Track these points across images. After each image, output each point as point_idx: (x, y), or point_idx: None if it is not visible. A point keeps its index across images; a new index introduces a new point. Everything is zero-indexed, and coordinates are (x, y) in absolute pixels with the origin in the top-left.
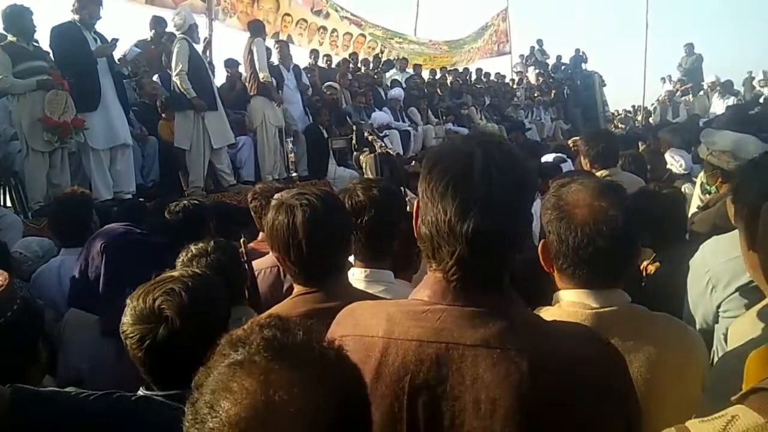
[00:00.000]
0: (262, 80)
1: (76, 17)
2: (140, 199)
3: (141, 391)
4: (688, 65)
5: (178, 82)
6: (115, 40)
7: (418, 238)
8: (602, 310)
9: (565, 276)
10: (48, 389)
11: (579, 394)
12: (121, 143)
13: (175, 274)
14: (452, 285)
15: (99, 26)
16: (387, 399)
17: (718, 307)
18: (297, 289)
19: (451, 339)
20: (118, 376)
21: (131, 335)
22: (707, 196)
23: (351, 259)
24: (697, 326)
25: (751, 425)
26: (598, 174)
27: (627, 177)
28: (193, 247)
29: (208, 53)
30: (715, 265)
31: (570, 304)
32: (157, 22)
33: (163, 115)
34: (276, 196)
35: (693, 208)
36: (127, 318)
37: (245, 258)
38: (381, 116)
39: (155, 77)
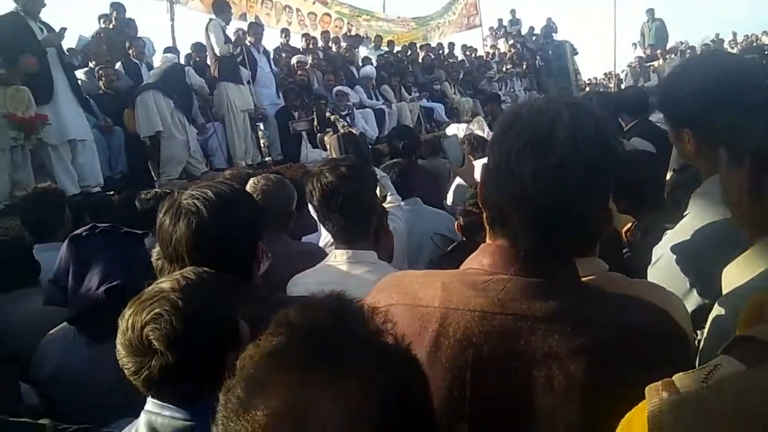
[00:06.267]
0: (220, 54)
1: (18, 6)
2: (108, 192)
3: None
4: (653, 31)
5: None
6: (63, 30)
7: (482, 204)
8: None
9: None
10: (23, 421)
11: (646, 368)
12: (76, 137)
13: (166, 286)
14: (519, 253)
15: (44, 16)
16: (448, 373)
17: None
18: None
19: (519, 310)
20: (88, 377)
21: (126, 366)
22: None
23: (325, 240)
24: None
25: (732, 372)
26: None
27: None
28: None
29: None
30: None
31: None
32: (118, 9)
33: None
34: (179, 193)
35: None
36: (119, 347)
37: None
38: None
39: (118, 65)
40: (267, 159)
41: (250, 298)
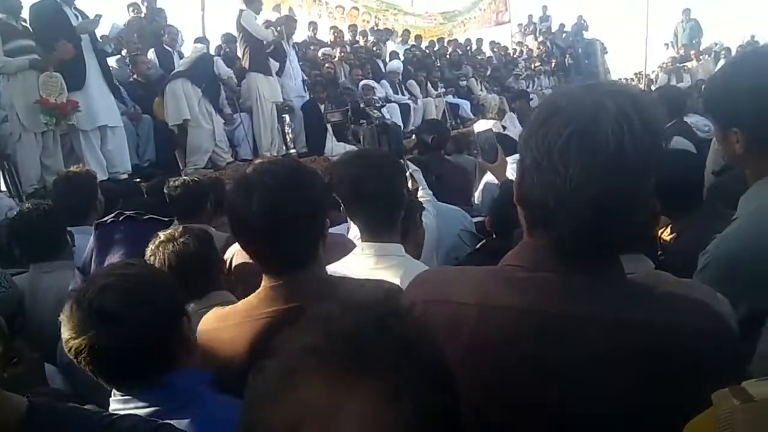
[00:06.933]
0: (267, 42)
1: None
2: (136, 180)
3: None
4: (687, 31)
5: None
6: (98, 17)
7: (519, 203)
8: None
9: None
10: (68, 406)
11: (691, 370)
12: (104, 124)
13: (103, 271)
14: (563, 251)
15: (79, 4)
16: (484, 373)
17: None
18: (264, 280)
19: (562, 309)
20: None
21: (81, 348)
22: None
23: (354, 233)
24: None
25: None
26: None
27: None
28: (161, 234)
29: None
30: None
31: None
32: None
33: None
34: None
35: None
36: (67, 335)
37: None
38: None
39: (150, 53)
40: (292, 151)
41: (315, 279)
